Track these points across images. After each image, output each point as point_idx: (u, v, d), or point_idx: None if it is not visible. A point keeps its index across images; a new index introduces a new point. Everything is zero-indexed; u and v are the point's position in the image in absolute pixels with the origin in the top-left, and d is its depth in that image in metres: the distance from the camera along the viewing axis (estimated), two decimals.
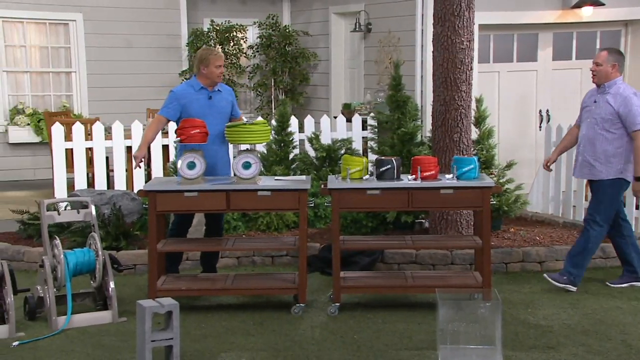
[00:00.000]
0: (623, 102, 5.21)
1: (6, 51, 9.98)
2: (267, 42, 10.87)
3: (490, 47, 9.21)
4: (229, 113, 5.53)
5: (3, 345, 4.33)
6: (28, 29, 10.17)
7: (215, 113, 5.41)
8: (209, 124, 5.24)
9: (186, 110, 5.39)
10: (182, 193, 4.92)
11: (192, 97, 5.41)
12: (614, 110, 5.22)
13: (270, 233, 6.65)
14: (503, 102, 9.25)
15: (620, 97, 5.23)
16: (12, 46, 10.06)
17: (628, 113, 5.19)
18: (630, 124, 5.19)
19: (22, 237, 6.44)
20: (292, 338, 4.58)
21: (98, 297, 4.98)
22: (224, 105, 5.50)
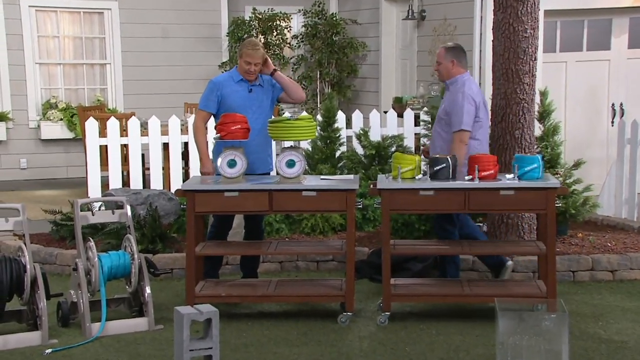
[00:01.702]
0: (451, 99, 5.39)
1: (39, 42, 10.23)
2: (312, 32, 10.91)
3: (557, 35, 9.07)
4: (269, 107, 5.56)
5: (35, 352, 4.44)
6: (62, 18, 10.41)
7: (255, 107, 5.45)
8: (249, 119, 5.29)
9: (225, 102, 5.45)
10: (222, 193, 4.97)
11: (232, 88, 5.46)
12: (446, 110, 5.42)
13: (315, 236, 6.68)
14: (571, 95, 9.09)
15: (452, 95, 5.42)
16: (45, 37, 10.32)
17: (451, 112, 5.35)
18: (452, 123, 5.36)
19: (55, 238, 6.59)
20: (339, 349, 4.59)
21: (133, 303, 5.07)
22: (264, 98, 5.53)
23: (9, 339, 4.52)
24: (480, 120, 5.41)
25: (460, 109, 5.30)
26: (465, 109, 5.30)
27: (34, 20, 10.14)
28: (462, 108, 5.30)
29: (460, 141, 5.30)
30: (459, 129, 5.31)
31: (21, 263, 4.64)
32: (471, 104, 5.34)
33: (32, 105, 10.22)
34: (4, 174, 10.07)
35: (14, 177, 10.08)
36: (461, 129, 5.30)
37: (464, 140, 5.31)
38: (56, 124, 10.20)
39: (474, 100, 5.35)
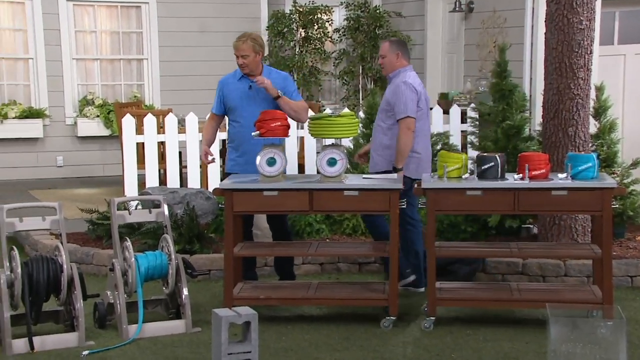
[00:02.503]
0: (393, 90, 5.48)
1: (76, 37, 10.40)
2: (355, 25, 10.89)
3: (615, 26, 8.89)
4: (272, 104, 5.45)
5: (73, 354, 4.52)
6: (99, 13, 10.57)
7: (255, 104, 5.41)
8: (249, 115, 5.35)
9: (226, 100, 5.53)
10: (261, 192, 4.99)
11: (232, 86, 5.51)
12: (387, 100, 5.50)
13: (357, 237, 6.67)
14: (629, 90, 8.90)
15: (393, 86, 5.51)
16: (82, 32, 10.49)
17: (395, 102, 5.44)
18: (395, 112, 5.45)
19: (91, 238, 6.69)
20: (382, 355, 4.57)
21: (170, 305, 5.12)
22: (265, 95, 5.46)
23: (46, 340, 4.60)
24: (420, 109, 5.52)
25: (402, 96, 5.42)
26: (408, 96, 5.42)
27: (71, 15, 10.32)
28: (405, 96, 5.42)
29: (407, 128, 5.38)
30: (404, 116, 5.41)
31: (58, 263, 4.72)
32: (413, 92, 5.46)
33: (68, 101, 10.39)
34: (41, 172, 10.26)
35: (51, 175, 10.26)
36: (407, 116, 5.40)
37: (411, 127, 5.40)
38: (93, 120, 10.35)
39: (415, 90, 5.48)
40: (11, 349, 4.50)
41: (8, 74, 10.23)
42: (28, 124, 10.10)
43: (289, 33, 10.84)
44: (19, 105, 10.11)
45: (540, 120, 6.57)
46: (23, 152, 10.20)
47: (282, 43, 10.96)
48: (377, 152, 5.62)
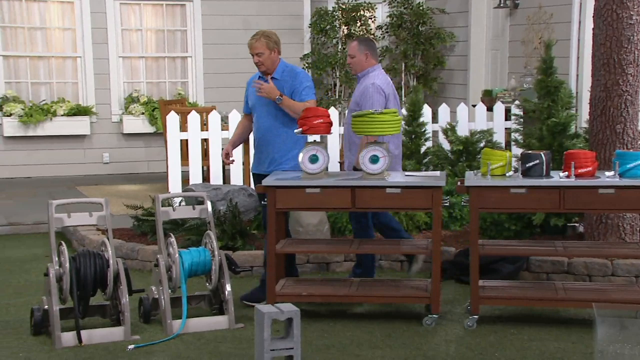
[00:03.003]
0: (362, 91, 5.51)
1: (122, 35, 10.55)
2: (397, 22, 10.84)
3: None
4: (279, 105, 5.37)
5: (119, 348, 4.58)
6: (145, 11, 10.70)
7: (265, 104, 5.38)
8: (259, 115, 5.37)
9: (248, 99, 5.52)
10: (304, 189, 5.00)
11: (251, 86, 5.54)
12: (355, 101, 5.52)
13: None
14: None
15: (362, 86, 5.55)
16: (128, 30, 10.63)
17: (362, 103, 5.45)
18: None
19: (136, 233, 6.77)
20: (425, 353, 4.55)
21: (214, 301, 5.16)
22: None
23: (93, 334, 4.68)
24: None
25: (370, 99, 5.45)
26: (375, 99, 5.45)
27: (118, 13, 10.46)
28: (372, 98, 5.45)
29: None
30: None
31: (104, 258, 4.79)
32: (380, 94, 5.50)
33: (115, 99, 10.54)
34: (88, 168, 10.43)
35: (97, 171, 10.43)
36: None
37: None
38: (138, 118, 10.49)
39: (383, 91, 5.52)
40: (60, 342, 4.58)
41: (57, 72, 10.42)
42: (76, 121, 10.28)
43: (331, 30, 10.84)
44: (67, 102, 10.29)
45: (587, 117, 6.47)
46: (71, 148, 10.38)
47: (325, 40, 10.97)
48: (351, 152, 5.62)
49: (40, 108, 10.12)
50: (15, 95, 10.15)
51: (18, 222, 7.66)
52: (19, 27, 10.25)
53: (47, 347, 4.59)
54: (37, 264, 6.32)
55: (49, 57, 10.38)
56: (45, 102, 10.24)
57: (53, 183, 9.69)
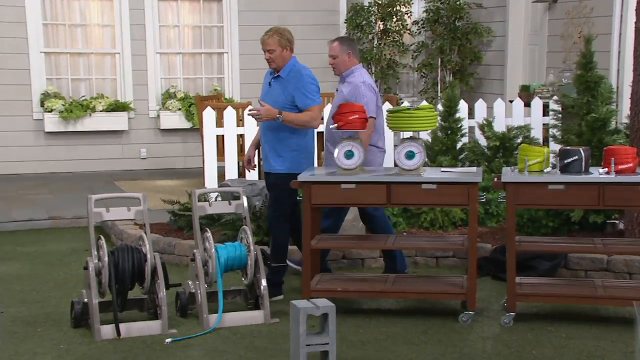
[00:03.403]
0: (352, 90, 5.51)
1: (160, 32, 10.65)
2: (434, 17, 10.77)
3: None
4: (283, 103, 5.30)
5: (156, 341, 4.63)
6: (182, 7, 10.78)
7: (269, 102, 5.34)
8: None
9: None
10: (339, 185, 5.00)
11: (265, 81, 5.52)
12: (345, 99, 5.45)
13: (435, 231, 6.62)
14: None
15: (351, 85, 5.54)
16: (165, 26, 10.73)
17: (358, 101, 5.38)
18: None
19: (173, 228, 6.83)
20: (461, 350, 4.53)
21: (249, 296, 5.19)
22: (276, 94, 5.36)
23: (131, 327, 4.74)
24: (379, 107, 5.63)
25: (363, 97, 5.46)
26: (369, 97, 5.50)
27: (156, 10, 10.56)
28: (365, 96, 5.47)
29: (367, 128, 5.36)
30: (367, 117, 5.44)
31: (142, 252, 4.84)
32: (372, 91, 5.57)
33: (152, 95, 10.64)
34: (125, 164, 10.55)
35: (135, 166, 10.54)
36: (370, 116, 5.41)
37: (371, 127, 5.45)
38: (175, 113, 10.57)
39: (374, 89, 5.60)
40: (99, 335, 4.64)
41: (96, 69, 10.55)
42: (114, 117, 10.41)
43: (367, 26, 10.81)
44: (106, 98, 10.42)
45: (627, 112, 6.37)
46: (109, 144, 10.50)
47: (361, 36, 10.94)
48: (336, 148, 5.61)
49: (79, 104, 10.26)
50: (56, 91, 10.30)
51: (58, 217, 7.78)
52: (60, 24, 10.40)
53: (87, 340, 4.65)
54: (76, 257, 6.41)
55: (89, 54, 10.52)
56: (85, 98, 10.38)
57: (92, 178, 9.82)
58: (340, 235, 5.84)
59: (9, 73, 10.05)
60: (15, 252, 6.75)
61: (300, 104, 5.30)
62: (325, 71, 10.97)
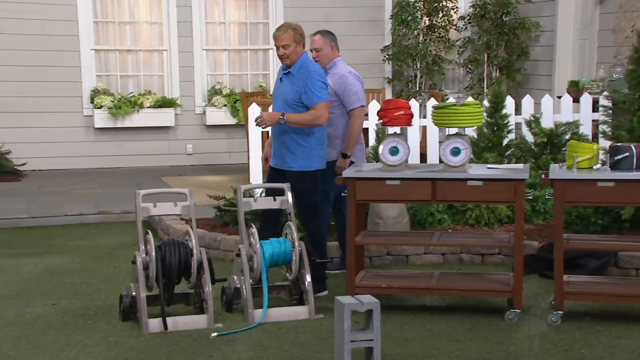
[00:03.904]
0: (339, 80, 5.56)
1: (207, 28, 10.74)
2: (480, 12, 10.66)
3: None
4: (291, 101, 5.24)
5: (202, 335, 4.67)
6: (228, 4, 10.86)
7: (279, 99, 5.33)
8: (275, 109, 5.33)
9: None
10: (384, 181, 4.98)
11: (278, 78, 5.48)
12: (333, 91, 5.47)
13: (480, 228, 6.56)
14: None
15: (337, 76, 5.58)
16: (212, 23, 10.82)
17: (344, 92, 5.54)
18: (347, 102, 5.57)
19: (218, 223, 6.88)
20: (507, 348, 4.48)
21: (294, 291, 5.20)
22: (286, 90, 5.31)
23: (178, 321, 4.79)
24: None
25: (353, 87, 5.57)
26: (357, 86, 5.61)
27: (203, 7, 10.66)
28: (355, 86, 5.59)
29: (359, 117, 5.56)
30: (358, 105, 5.59)
31: (188, 247, 4.89)
32: (359, 81, 5.68)
33: (198, 91, 10.74)
34: (172, 159, 10.66)
35: (181, 162, 10.66)
36: (361, 105, 5.58)
37: (362, 115, 5.62)
38: (220, 109, 10.66)
39: (359, 78, 5.70)
40: (147, 328, 4.70)
41: (144, 65, 10.69)
42: (161, 113, 10.53)
43: (412, 21, 10.74)
44: (153, 95, 10.55)
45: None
46: (156, 140, 10.63)
47: (406, 32, 10.88)
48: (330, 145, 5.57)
49: (128, 100, 10.41)
50: (106, 87, 10.47)
51: (107, 211, 7.90)
52: (109, 22, 10.56)
53: (135, 333, 4.72)
54: (125, 251, 6.50)
55: (137, 51, 10.66)
56: (133, 95, 10.52)
57: (139, 173, 9.95)
58: (385, 232, 5.82)
59: (60, 70, 10.24)
60: (67, 246, 6.88)
61: (306, 101, 5.22)
62: (372, 67, 11.04)
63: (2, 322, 4.93)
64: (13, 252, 6.66)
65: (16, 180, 9.59)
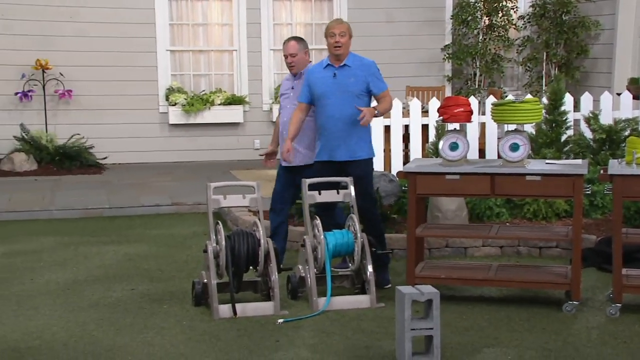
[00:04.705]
0: None
1: (274, 29, 10.81)
2: (540, 12, 10.43)
3: None
4: (358, 91, 5.20)
5: (269, 321, 4.71)
6: (295, 6, 10.91)
7: (338, 92, 5.20)
8: (331, 104, 5.18)
9: (312, 90, 5.31)
10: (444, 176, 4.92)
11: (318, 75, 5.31)
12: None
13: (538, 222, 6.43)
14: None
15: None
16: (279, 24, 10.89)
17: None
18: None
19: None
20: (565, 339, 4.38)
21: (356, 281, 5.19)
22: (350, 82, 5.21)
23: (246, 307, 4.83)
24: None
25: None
26: None
27: (271, 9, 10.74)
28: None
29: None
30: None
31: (256, 237, 4.93)
32: None
33: (265, 89, 10.82)
34: (240, 154, 10.78)
35: (249, 156, 10.75)
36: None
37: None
38: None
39: None
40: (218, 313, 4.77)
41: (215, 65, 10.84)
42: (231, 110, 10.66)
43: (472, 21, 10.59)
44: (223, 93, 10.68)
45: None
46: (226, 135, 10.77)
47: (466, 31, 10.73)
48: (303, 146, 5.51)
49: (200, 98, 10.57)
50: (180, 86, 10.65)
51: (181, 202, 8.04)
52: (184, 24, 10.74)
53: (206, 318, 4.79)
54: (196, 240, 6.61)
55: (209, 51, 10.80)
56: (205, 93, 10.67)
57: (210, 167, 10.09)
58: (444, 224, 5.77)
59: (138, 70, 10.46)
60: (144, 235, 7.03)
61: (375, 90, 5.25)
62: (432, 65, 10.94)
63: (86, 304, 5.07)
64: (96, 240, 6.84)
65: (98, 173, 9.85)
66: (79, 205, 7.93)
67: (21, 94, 10.09)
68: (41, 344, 4.36)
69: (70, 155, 9.94)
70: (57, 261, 6.12)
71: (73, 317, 4.80)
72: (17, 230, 7.19)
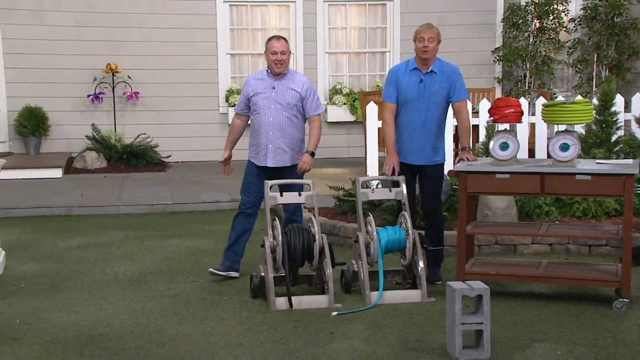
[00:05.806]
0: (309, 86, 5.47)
1: (329, 33, 10.83)
2: (591, 14, 10.20)
3: None
4: (440, 99, 5.12)
5: (324, 314, 4.73)
6: (349, 11, 10.91)
7: (423, 98, 5.11)
8: (416, 109, 5.10)
9: (399, 92, 5.17)
10: (494, 175, 4.87)
11: (404, 77, 5.17)
12: (299, 95, 5.40)
13: (587, 220, 6.30)
14: None
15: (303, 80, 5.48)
16: (334, 28, 10.90)
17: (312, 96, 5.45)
18: (313, 107, 5.46)
19: (338, 212, 6.93)
20: (615, 335, 4.28)
21: (407, 276, 5.17)
22: (435, 90, 5.11)
23: (302, 300, 4.86)
24: None
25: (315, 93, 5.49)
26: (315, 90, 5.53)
27: (326, 14, 10.77)
28: (316, 92, 5.53)
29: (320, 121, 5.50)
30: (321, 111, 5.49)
31: (311, 233, 4.95)
32: None
33: (320, 90, 10.84)
34: None
35: None
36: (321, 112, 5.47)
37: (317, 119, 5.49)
38: (340, 107, 10.72)
39: None
40: (274, 305, 4.81)
41: None
42: None
43: (523, 24, 10.43)
44: None
45: None
46: None
47: (517, 34, 10.57)
48: (291, 147, 5.45)
49: None
50: (239, 88, 10.74)
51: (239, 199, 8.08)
52: (244, 29, 10.84)
53: (263, 309, 4.83)
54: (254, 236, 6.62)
55: None
56: None
57: None
58: (494, 222, 5.69)
59: (200, 73, 10.60)
60: (204, 230, 7.13)
61: (455, 99, 5.18)
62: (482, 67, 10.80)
63: (151, 295, 5.17)
64: (159, 234, 6.97)
65: (162, 170, 10.03)
66: (144, 201, 8.09)
67: (93, 96, 10.34)
68: (110, 332, 4.47)
69: (136, 153, 10.14)
70: (124, 254, 6.26)
71: (139, 306, 4.91)
72: (88, 224, 7.38)
